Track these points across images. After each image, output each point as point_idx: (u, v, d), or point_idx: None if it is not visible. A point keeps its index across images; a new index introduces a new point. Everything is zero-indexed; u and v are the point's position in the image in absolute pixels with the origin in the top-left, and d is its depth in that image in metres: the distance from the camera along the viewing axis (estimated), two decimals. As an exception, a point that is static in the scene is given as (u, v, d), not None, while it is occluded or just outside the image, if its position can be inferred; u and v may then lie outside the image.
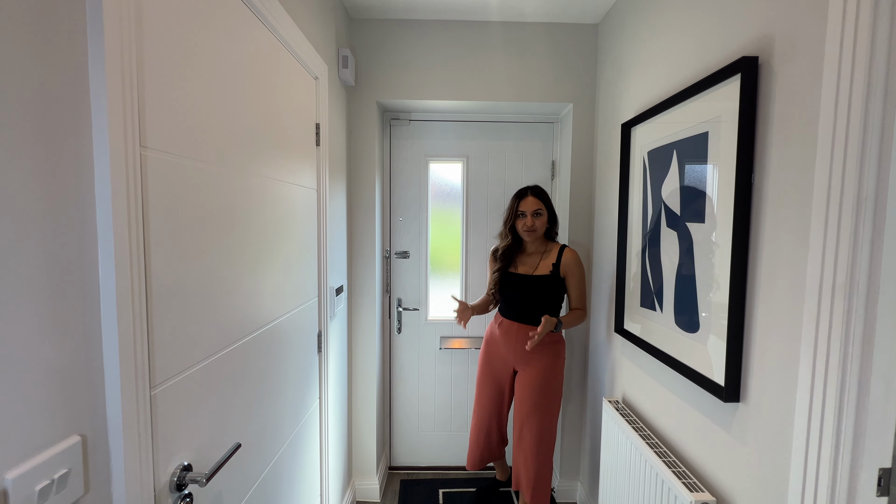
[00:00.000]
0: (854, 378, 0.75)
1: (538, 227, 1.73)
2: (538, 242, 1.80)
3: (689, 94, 1.21)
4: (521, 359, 1.77)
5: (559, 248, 1.76)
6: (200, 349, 0.81)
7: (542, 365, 1.74)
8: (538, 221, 1.73)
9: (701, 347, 1.16)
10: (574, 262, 1.74)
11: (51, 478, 0.50)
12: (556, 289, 1.75)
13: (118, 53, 0.58)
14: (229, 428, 0.92)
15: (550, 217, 1.78)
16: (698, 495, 1.08)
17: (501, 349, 1.81)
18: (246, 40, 0.98)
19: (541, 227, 1.75)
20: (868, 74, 0.72)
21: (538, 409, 1.73)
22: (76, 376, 0.55)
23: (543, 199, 1.75)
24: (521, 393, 1.77)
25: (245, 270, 0.99)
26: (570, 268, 1.74)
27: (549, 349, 1.75)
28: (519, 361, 1.78)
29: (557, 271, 1.74)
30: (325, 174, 1.54)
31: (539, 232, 1.75)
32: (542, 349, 1.73)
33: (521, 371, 1.79)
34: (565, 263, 1.73)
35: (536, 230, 1.73)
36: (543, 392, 1.74)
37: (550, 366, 1.75)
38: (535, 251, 1.80)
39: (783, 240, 0.90)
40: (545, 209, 1.74)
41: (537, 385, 1.73)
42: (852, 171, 0.74)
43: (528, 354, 1.73)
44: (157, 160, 0.68)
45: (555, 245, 1.79)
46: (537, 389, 1.73)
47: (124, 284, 0.59)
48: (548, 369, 1.74)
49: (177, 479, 0.74)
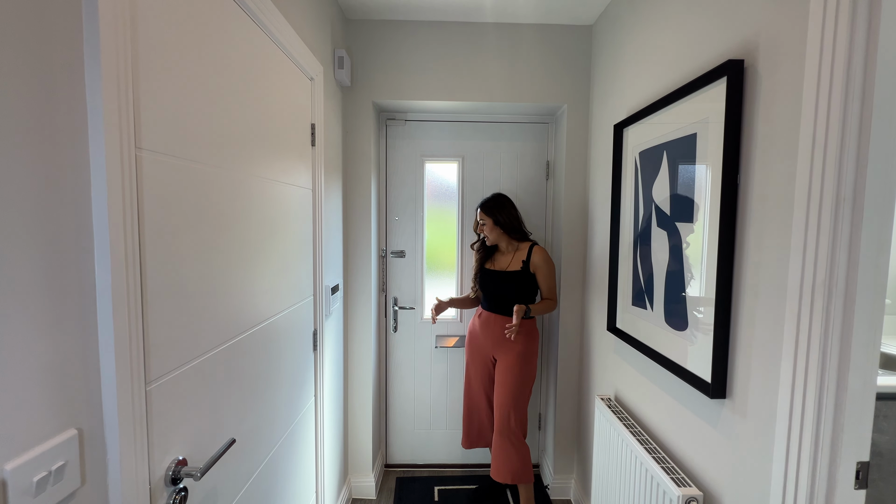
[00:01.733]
0: (833, 374, 0.77)
1: (488, 234, 1.96)
2: (504, 243, 1.98)
3: (678, 95, 1.23)
4: (498, 346, 1.95)
5: (529, 247, 1.95)
6: (195, 346, 0.83)
7: (516, 350, 1.91)
8: (484, 230, 1.96)
9: (689, 345, 1.18)
10: (542, 259, 1.92)
11: (48, 469, 0.52)
12: (527, 282, 1.93)
13: (114, 55, 0.60)
14: (224, 424, 0.93)
15: (501, 224, 1.93)
16: (686, 490, 1.10)
17: (481, 339, 2.00)
18: (241, 42, 1.00)
19: (490, 234, 1.95)
20: (846, 78, 0.74)
21: (516, 394, 1.91)
22: (73, 371, 0.56)
23: (489, 212, 1.93)
24: (500, 378, 1.94)
25: (240, 269, 1.00)
26: (538, 264, 1.92)
27: (523, 336, 1.92)
28: (497, 349, 1.96)
29: (527, 267, 1.92)
30: (320, 174, 1.56)
31: (491, 238, 1.95)
32: (516, 336, 1.88)
33: (500, 358, 1.96)
34: (534, 261, 1.92)
35: (488, 237, 1.96)
36: (521, 377, 1.91)
37: (524, 351, 1.92)
38: (507, 251, 1.99)
39: (767, 240, 0.92)
40: (489, 220, 1.93)
41: (516, 370, 1.90)
42: (831, 172, 0.76)
43: (505, 342, 1.92)
44: (152, 161, 0.70)
45: (526, 244, 1.96)
46: (516, 375, 1.90)
47: (120, 282, 0.61)
48: (521, 355, 1.91)
49: (172, 473, 0.75)
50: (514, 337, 1.82)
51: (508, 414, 1.90)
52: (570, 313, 2.12)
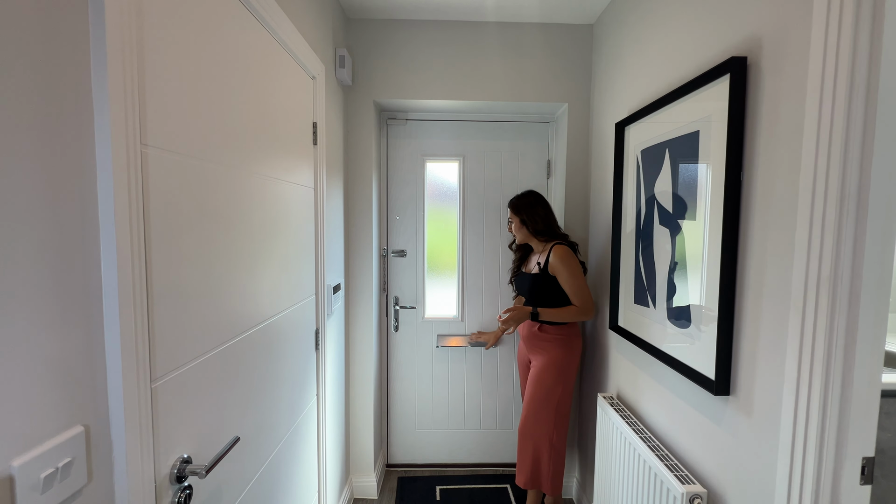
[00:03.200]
0: (838, 370, 0.77)
1: (515, 232, 1.93)
2: (535, 242, 1.90)
3: (680, 93, 1.23)
4: (530, 350, 1.90)
5: (551, 247, 1.81)
6: (200, 344, 0.83)
7: (546, 357, 1.83)
8: (513, 227, 1.93)
9: (692, 342, 1.18)
10: (559, 260, 1.76)
11: (55, 466, 0.51)
12: (547, 285, 1.80)
13: (120, 53, 0.59)
14: (228, 422, 0.93)
15: (525, 223, 1.87)
16: (690, 487, 1.10)
17: (521, 342, 1.98)
18: (245, 41, 1.00)
19: (517, 232, 1.91)
20: (850, 75, 0.74)
21: (538, 399, 1.82)
22: (79, 369, 0.56)
23: (515, 211, 1.90)
24: (528, 381, 1.89)
25: (243, 267, 1.00)
26: (555, 265, 1.77)
27: (555, 344, 1.82)
28: (530, 352, 1.92)
29: (546, 269, 1.80)
30: (322, 173, 1.56)
31: (519, 237, 1.92)
32: (545, 344, 1.83)
33: (532, 362, 1.91)
34: (551, 262, 1.79)
35: (516, 235, 1.94)
36: (545, 384, 1.82)
37: (555, 359, 1.81)
38: (536, 250, 1.92)
39: (771, 236, 0.92)
40: (515, 218, 1.90)
41: (542, 376, 1.83)
42: (836, 169, 0.76)
43: (535, 346, 1.86)
44: (158, 158, 0.69)
45: (550, 244, 1.83)
46: (541, 381, 1.83)
47: (126, 280, 0.61)
48: (551, 362, 1.82)
49: (177, 471, 0.75)
50: (541, 342, 1.81)
51: (527, 416, 1.82)
52: (571, 312, 2.12)
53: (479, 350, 2.36)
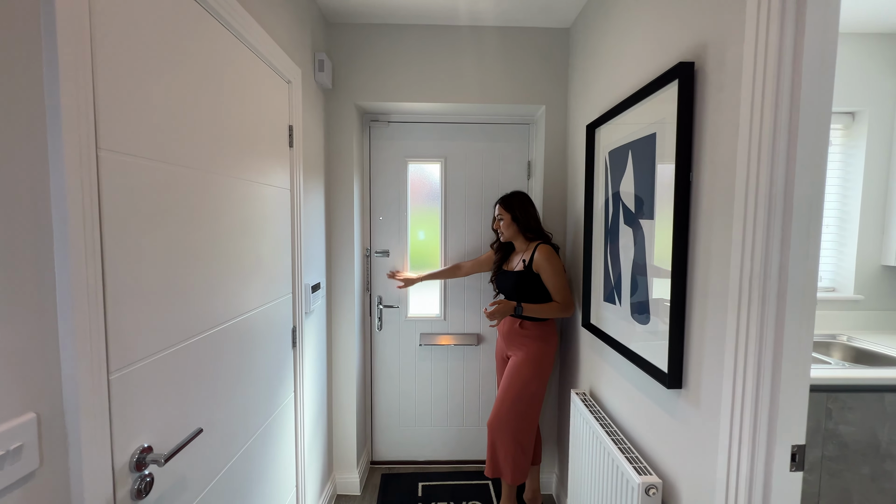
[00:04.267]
0: (768, 363, 0.81)
1: (503, 230, 1.96)
2: (519, 241, 1.96)
3: (640, 96, 1.27)
4: (509, 345, 1.96)
5: (535, 246, 1.87)
6: (161, 339, 0.86)
7: (524, 351, 1.89)
8: (501, 225, 1.97)
9: (651, 338, 1.22)
10: (544, 258, 1.83)
11: (5, 449, 0.55)
12: (531, 283, 1.87)
13: (72, 59, 0.63)
14: (192, 414, 0.97)
15: (517, 220, 1.92)
16: (645, 478, 1.14)
17: (499, 338, 2.04)
18: (212, 48, 1.04)
19: (505, 230, 1.95)
20: (777, 82, 0.78)
21: (514, 392, 1.87)
22: (31, 359, 0.60)
23: (507, 207, 1.94)
24: (504, 375, 1.94)
25: (209, 266, 1.04)
26: (540, 263, 1.84)
27: (532, 340, 1.89)
28: (509, 348, 1.97)
29: (530, 267, 1.86)
30: (298, 174, 1.59)
31: (506, 234, 1.95)
32: (525, 340, 1.89)
33: (510, 357, 1.96)
34: (536, 260, 1.85)
35: (503, 233, 1.97)
36: (522, 378, 1.87)
37: (532, 354, 1.87)
38: (519, 250, 1.97)
39: (715, 235, 0.96)
40: (506, 213, 1.94)
41: (520, 370, 1.88)
42: (765, 170, 0.80)
43: (514, 342, 1.91)
44: (113, 160, 0.73)
45: (534, 244, 1.90)
46: (518, 375, 1.88)
47: (79, 276, 0.64)
48: (529, 357, 1.87)
49: (137, 459, 0.79)
50: (518, 338, 1.87)
51: (499, 409, 1.87)
52: (550, 311, 2.16)
53: (461, 349, 2.40)
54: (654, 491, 1.12)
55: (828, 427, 1.52)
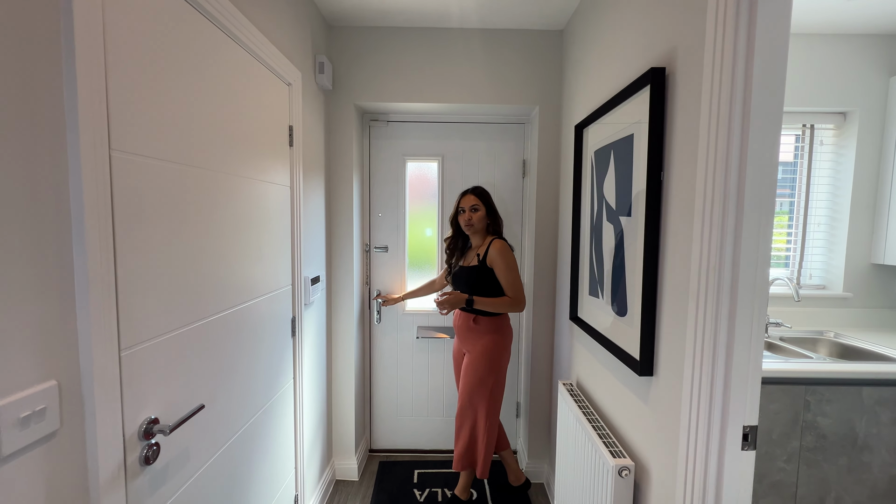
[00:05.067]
0: (722, 349, 0.87)
1: (475, 222, 1.94)
2: (479, 237, 1.99)
3: (620, 98, 1.33)
4: (464, 341, 2.01)
5: (489, 241, 1.93)
6: (167, 321, 0.95)
7: (479, 346, 1.95)
8: (475, 216, 1.93)
9: (628, 329, 1.28)
10: (497, 253, 1.87)
11: (32, 409, 0.64)
12: (485, 278, 1.90)
13: (88, 71, 0.72)
14: (195, 392, 1.06)
15: (490, 213, 1.97)
16: (619, 461, 1.20)
17: (456, 335, 2.06)
18: (216, 56, 1.12)
19: (478, 222, 1.94)
20: (731, 85, 0.83)
21: (469, 388, 1.94)
22: (54, 334, 0.68)
23: (481, 198, 1.96)
24: (462, 372, 1.99)
25: (212, 258, 1.12)
26: (493, 258, 1.88)
27: (486, 334, 1.94)
28: (464, 344, 2.02)
29: (484, 261, 1.91)
30: (298, 172, 1.68)
31: (476, 226, 1.95)
32: (478, 336, 1.95)
33: (466, 353, 2.01)
34: (490, 254, 1.90)
35: (473, 224, 1.94)
36: (478, 373, 1.93)
37: (487, 348, 1.94)
38: (476, 245, 2.00)
39: (681, 231, 1.02)
40: (482, 205, 1.94)
41: (475, 365, 1.94)
42: (720, 170, 0.86)
43: (469, 338, 1.96)
44: (124, 160, 0.82)
45: (489, 239, 1.95)
46: (475, 370, 1.94)
47: (94, 264, 0.73)
48: (484, 351, 1.94)
49: (145, 428, 0.88)
50: (473, 334, 1.91)
51: (463, 405, 1.96)
52: (542, 306, 2.22)
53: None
54: (627, 472, 1.19)
55: (806, 419, 1.57)
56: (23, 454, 0.64)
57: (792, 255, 2.25)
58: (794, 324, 2.10)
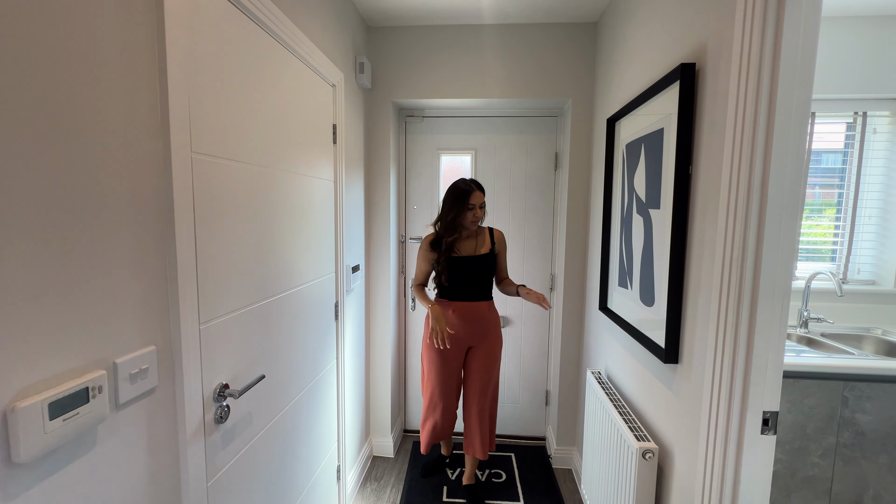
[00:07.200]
0: (743, 338, 0.91)
1: (482, 218, 1.94)
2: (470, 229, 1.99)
3: (651, 93, 1.35)
4: (478, 335, 1.97)
5: (488, 230, 2.03)
6: (235, 301, 1.09)
7: (493, 336, 2.02)
8: (482, 213, 1.91)
9: (655, 318, 1.32)
10: (502, 239, 2.06)
11: (139, 368, 0.78)
12: (495, 264, 2.02)
13: (179, 90, 0.85)
14: (257, 363, 1.20)
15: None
16: (643, 444, 1.25)
17: (459, 331, 1.93)
18: (271, 64, 1.24)
19: (484, 217, 1.96)
20: (758, 80, 0.86)
21: (493, 377, 2.04)
22: (153, 307, 0.83)
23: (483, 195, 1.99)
24: (479, 364, 1.99)
25: (270, 246, 1.26)
26: (502, 243, 2.05)
27: (497, 321, 2.05)
28: (475, 338, 1.97)
29: (494, 248, 2.01)
30: (341, 168, 1.80)
31: (482, 221, 1.98)
32: (495, 323, 2.03)
33: (477, 347, 1.99)
34: (499, 240, 2.04)
35: (481, 220, 1.94)
36: (496, 361, 2.04)
37: (497, 337, 2.04)
38: (469, 236, 1.97)
39: (708, 223, 1.05)
40: (485, 203, 1.98)
41: (493, 356, 2.02)
42: (745, 163, 0.89)
43: (485, 330, 1.98)
44: (201, 161, 0.95)
45: (482, 228, 2.03)
46: (493, 359, 2.02)
47: (182, 249, 0.87)
48: (497, 340, 2.03)
49: (218, 392, 1.02)
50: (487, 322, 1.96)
51: (493, 395, 2.07)
52: (572, 297, 2.26)
53: (488, 330, 2.56)
54: (651, 455, 1.24)
55: (843, 415, 1.55)
56: (133, 404, 0.78)
57: (839, 248, 2.17)
58: (840, 320, 2.04)
